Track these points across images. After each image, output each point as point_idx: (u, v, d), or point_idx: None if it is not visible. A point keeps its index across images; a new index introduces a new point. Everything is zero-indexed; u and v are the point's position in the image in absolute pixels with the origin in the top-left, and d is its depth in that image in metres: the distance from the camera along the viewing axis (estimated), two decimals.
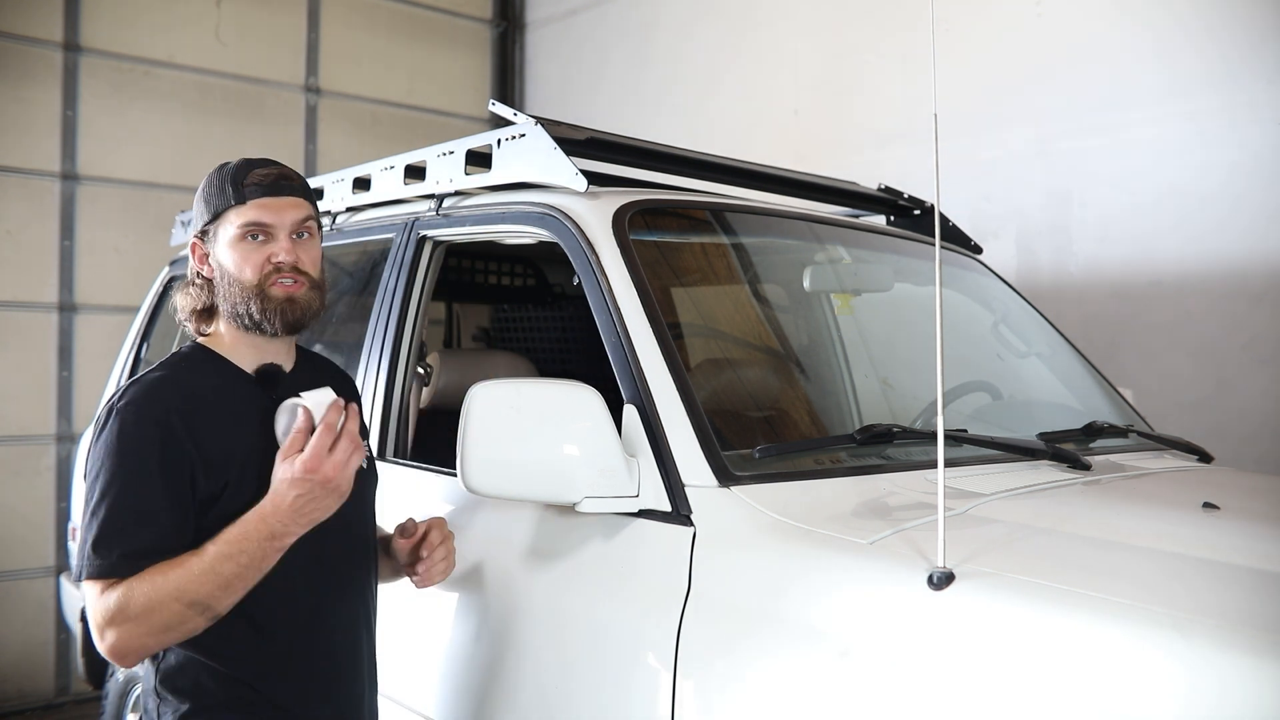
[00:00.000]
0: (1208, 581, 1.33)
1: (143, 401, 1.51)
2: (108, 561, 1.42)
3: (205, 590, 1.42)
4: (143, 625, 1.41)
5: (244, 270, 1.59)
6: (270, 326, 1.61)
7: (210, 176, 1.65)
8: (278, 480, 1.46)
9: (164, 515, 1.46)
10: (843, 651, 1.32)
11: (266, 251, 1.60)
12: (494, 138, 2.20)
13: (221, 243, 1.61)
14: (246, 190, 1.60)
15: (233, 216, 1.60)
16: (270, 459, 1.52)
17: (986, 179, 3.78)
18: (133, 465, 1.46)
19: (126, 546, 1.43)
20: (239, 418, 1.58)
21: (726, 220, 2.28)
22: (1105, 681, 1.13)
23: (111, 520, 1.44)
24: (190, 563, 1.42)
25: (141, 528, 1.44)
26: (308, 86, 5.31)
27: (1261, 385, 3.14)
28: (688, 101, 5.00)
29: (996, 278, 2.72)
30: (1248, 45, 3.18)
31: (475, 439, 1.58)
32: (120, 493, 1.45)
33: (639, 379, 1.71)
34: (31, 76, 4.50)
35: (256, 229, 1.60)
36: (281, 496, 1.45)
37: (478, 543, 1.92)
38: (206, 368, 1.62)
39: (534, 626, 1.70)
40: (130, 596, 1.40)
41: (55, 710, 4.55)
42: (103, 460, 1.48)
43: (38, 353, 4.54)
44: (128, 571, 1.42)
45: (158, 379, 1.56)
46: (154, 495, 1.46)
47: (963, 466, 1.83)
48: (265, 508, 1.46)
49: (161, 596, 1.40)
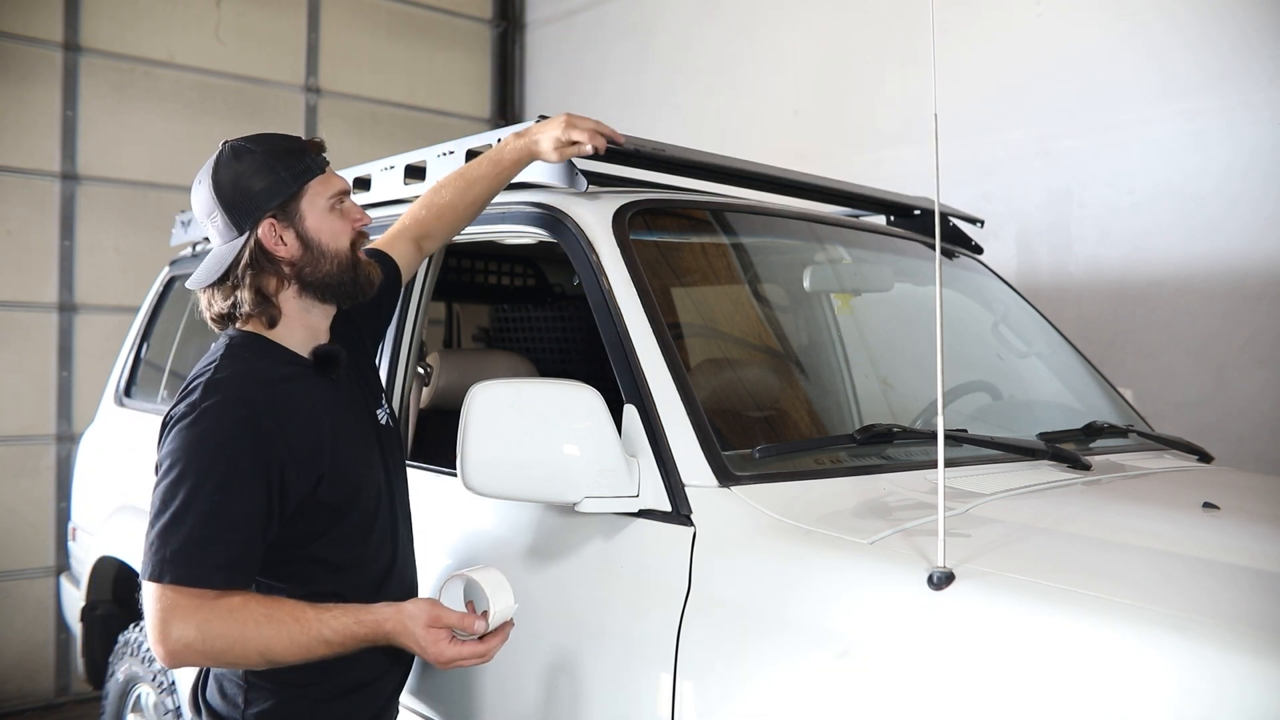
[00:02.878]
0: (1207, 582, 1.33)
1: (228, 400, 1.46)
2: (195, 570, 1.39)
3: (289, 657, 1.42)
4: (213, 657, 1.41)
5: (340, 239, 1.59)
6: (363, 294, 1.64)
7: (255, 153, 1.56)
8: (410, 628, 1.43)
9: (253, 524, 1.44)
10: (843, 651, 1.32)
11: (350, 218, 1.62)
12: (494, 138, 2.20)
13: (310, 215, 1.57)
14: (319, 159, 1.61)
15: (319, 187, 1.58)
16: (342, 446, 1.55)
17: (986, 179, 3.78)
18: (224, 468, 1.43)
19: (217, 556, 1.41)
20: (314, 406, 1.55)
21: (726, 220, 2.28)
22: (1105, 682, 1.13)
23: (201, 526, 1.40)
24: (288, 626, 1.41)
25: (231, 537, 1.42)
26: (308, 86, 5.31)
27: (1261, 385, 3.14)
28: (688, 101, 5.00)
29: (996, 278, 2.72)
30: (1246, 46, 3.18)
31: (475, 439, 1.58)
32: (210, 497, 1.41)
33: (639, 379, 1.71)
34: (31, 76, 4.50)
35: (342, 197, 1.61)
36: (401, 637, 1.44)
37: (478, 543, 1.92)
38: (270, 357, 1.57)
39: (534, 626, 1.70)
40: (214, 625, 1.38)
41: (55, 710, 4.55)
42: (189, 461, 1.42)
43: (38, 353, 4.54)
44: (219, 583, 1.40)
45: (235, 374, 1.50)
46: (245, 501, 1.43)
47: (963, 466, 1.83)
48: (384, 626, 1.44)
49: (245, 645, 1.39)
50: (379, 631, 1.44)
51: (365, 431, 1.66)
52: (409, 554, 1.76)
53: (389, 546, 1.67)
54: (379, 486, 1.65)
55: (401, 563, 1.70)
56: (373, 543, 1.63)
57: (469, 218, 1.98)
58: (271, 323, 1.58)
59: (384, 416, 1.75)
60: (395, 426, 1.80)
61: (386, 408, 1.77)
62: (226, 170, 1.56)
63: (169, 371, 3.44)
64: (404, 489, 1.78)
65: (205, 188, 1.57)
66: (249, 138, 1.60)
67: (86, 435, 3.79)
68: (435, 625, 1.44)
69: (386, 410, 1.77)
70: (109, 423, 3.60)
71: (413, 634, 1.44)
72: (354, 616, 1.44)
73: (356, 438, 1.63)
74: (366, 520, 1.61)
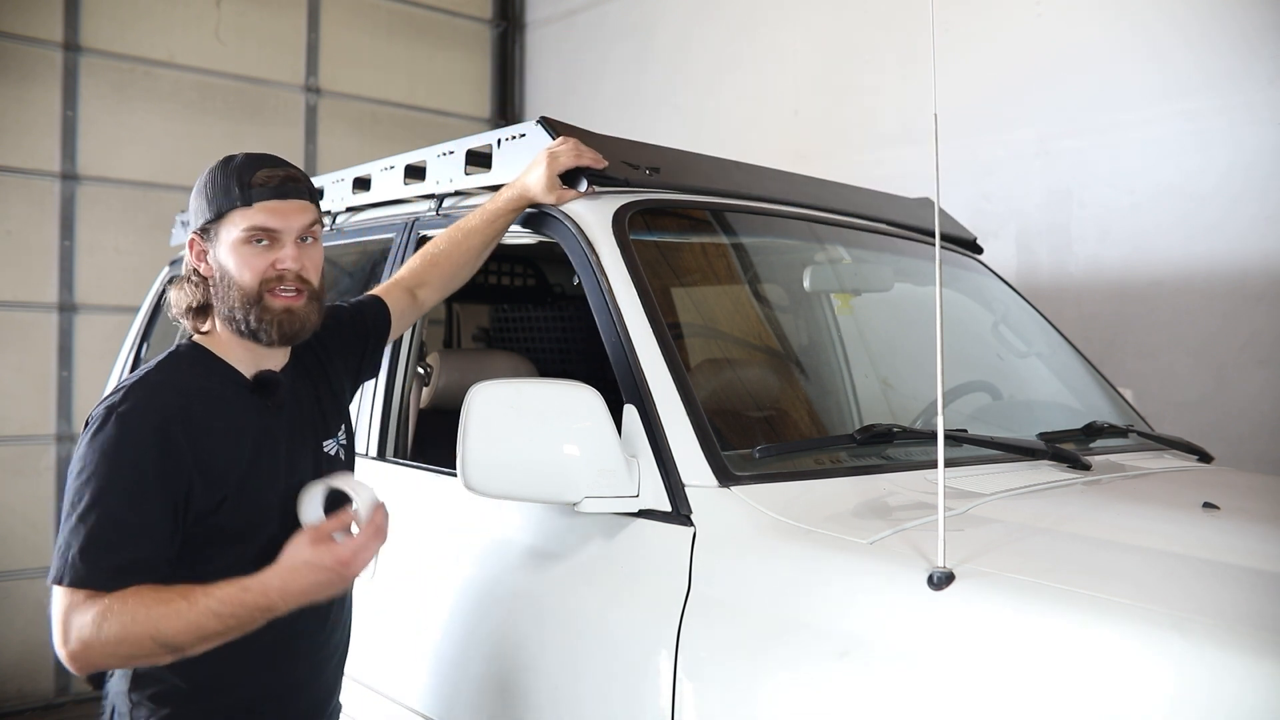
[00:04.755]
0: (1207, 581, 1.33)
1: (144, 408, 1.46)
2: (92, 572, 1.38)
3: (182, 637, 1.38)
4: (109, 649, 1.37)
5: (244, 275, 1.54)
6: (266, 337, 1.57)
7: (213, 171, 1.58)
8: (298, 561, 1.42)
9: (155, 530, 1.43)
10: (843, 651, 1.32)
11: (271, 257, 1.55)
12: (494, 138, 2.21)
13: (223, 244, 1.55)
14: (254, 191, 1.54)
15: (237, 218, 1.54)
16: (262, 472, 1.52)
17: (986, 179, 3.78)
18: (129, 474, 1.42)
19: (114, 560, 1.39)
20: (238, 428, 1.54)
21: (726, 220, 2.28)
22: (1105, 681, 1.13)
23: (101, 530, 1.40)
24: (176, 604, 1.38)
25: (131, 541, 1.41)
26: (308, 86, 5.31)
27: (1261, 385, 3.14)
28: (688, 101, 5.00)
29: (996, 278, 2.72)
30: (1246, 46, 3.18)
31: (475, 439, 1.58)
32: (113, 502, 1.41)
33: (639, 379, 1.71)
34: (31, 76, 4.50)
35: (261, 233, 1.54)
36: (297, 577, 1.42)
37: (478, 543, 1.92)
38: (203, 370, 1.57)
39: (534, 626, 1.70)
40: (105, 617, 1.36)
41: (55, 710, 4.54)
42: (97, 464, 1.42)
43: (38, 353, 4.54)
44: (112, 585, 1.39)
45: (158, 383, 1.51)
46: (148, 508, 1.43)
47: (963, 466, 1.83)
48: (272, 582, 1.41)
49: (137, 629, 1.36)
50: (266, 589, 1.41)
51: (298, 462, 1.63)
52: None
53: None
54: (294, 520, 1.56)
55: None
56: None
57: (467, 267, 2.02)
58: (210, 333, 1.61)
59: (333, 448, 1.72)
60: (348, 459, 1.77)
61: (341, 441, 1.75)
62: (199, 180, 1.61)
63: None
64: None
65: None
66: (233, 155, 1.61)
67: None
68: (318, 540, 1.43)
69: (339, 443, 1.74)
70: None
71: (305, 561, 1.42)
72: (239, 583, 1.41)
73: (282, 467, 1.59)
74: (270, 551, 1.50)
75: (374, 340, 1.89)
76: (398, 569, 1.98)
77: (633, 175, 2.05)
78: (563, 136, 2.00)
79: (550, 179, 1.94)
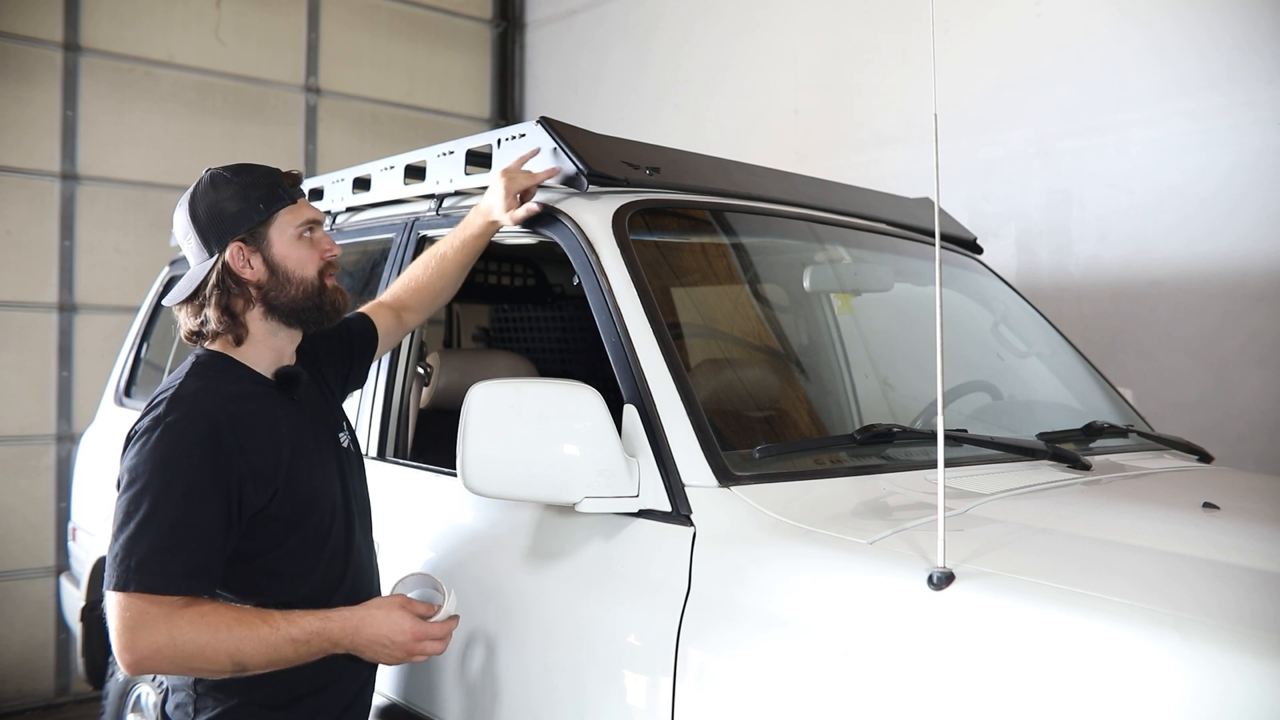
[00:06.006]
0: (1208, 581, 1.33)
1: (192, 416, 1.52)
2: (163, 577, 1.44)
3: (258, 659, 1.47)
4: (183, 660, 1.44)
5: (307, 266, 1.67)
6: (329, 319, 1.71)
7: (233, 182, 1.65)
8: (387, 622, 1.54)
9: (215, 533, 1.49)
10: (843, 651, 1.32)
11: (319, 248, 1.69)
12: (494, 138, 2.21)
13: (276, 243, 1.65)
14: (293, 190, 1.69)
15: (289, 216, 1.66)
16: (301, 461, 1.61)
17: (986, 179, 3.78)
18: (186, 481, 1.48)
19: (182, 564, 1.45)
20: (274, 425, 1.62)
21: (726, 220, 2.28)
22: (1105, 681, 1.13)
23: (166, 536, 1.45)
24: (259, 629, 1.46)
25: (194, 545, 1.47)
26: (308, 86, 5.31)
27: (1261, 385, 3.14)
28: (687, 101, 5.00)
29: (996, 278, 2.72)
30: (1248, 45, 3.18)
31: (475, 439, 1.58)
32: (174, 508, 1.46)
33: (639, 379, 1.71)
34: (31, 76, 4.50)
35: (312, 225, 1.69)
36: (376, 632, 1.53)
37: (477, 543, 1.92)
38: (232, 375, 1.64)
39: (534, 626, 1.70)
40: (183, 629, 1.42)
41: (55, 710, 4.54)
42: (152, 474, 1.48)
43: (38, 353, 4.54)
44: (184, 590, 1.44)
45: (198, 390, 1.57)
46: (208, 512, 1.48)
47: (963, 466, 1.83)
48: (351, 624, 1.52)
49: (218, 647, 1.43)
50: (345, 630, 1.52)
51: (325, 451, 1.73)
52: (367, 572, 1.80)
53: (340, 562, 1.71)
54: (334, 504, 1.70)
55: (353, 579, 1.74)
56: (325, 556, 1.67)
57: (446, 291, 2.10)
58: (238, 341, 1.66)
59: (346, 440, 1.81)
60: (358, 450, 1.86)
61: (349, 434, 1.84)
62: (204, 196, 1.66)
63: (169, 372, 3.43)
64: (365, 510, 1.82)
65: (183, 211, 1.68)
66: (229, 167, 1.69)
67: (86, 435, 3.79)
68: (407, 606, 1.57)
69: (349, 436, 1.83)
70: (109, 423, 3.60)
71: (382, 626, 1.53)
72: (321, 615, 1.52)
73: (315, 456, 1.68)
74: (319, 535, 1.66)
75: (360, 353, 1.97)
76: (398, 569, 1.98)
77: (632, 175, 2.05)
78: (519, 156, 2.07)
79: (509, 198, 1.99)
